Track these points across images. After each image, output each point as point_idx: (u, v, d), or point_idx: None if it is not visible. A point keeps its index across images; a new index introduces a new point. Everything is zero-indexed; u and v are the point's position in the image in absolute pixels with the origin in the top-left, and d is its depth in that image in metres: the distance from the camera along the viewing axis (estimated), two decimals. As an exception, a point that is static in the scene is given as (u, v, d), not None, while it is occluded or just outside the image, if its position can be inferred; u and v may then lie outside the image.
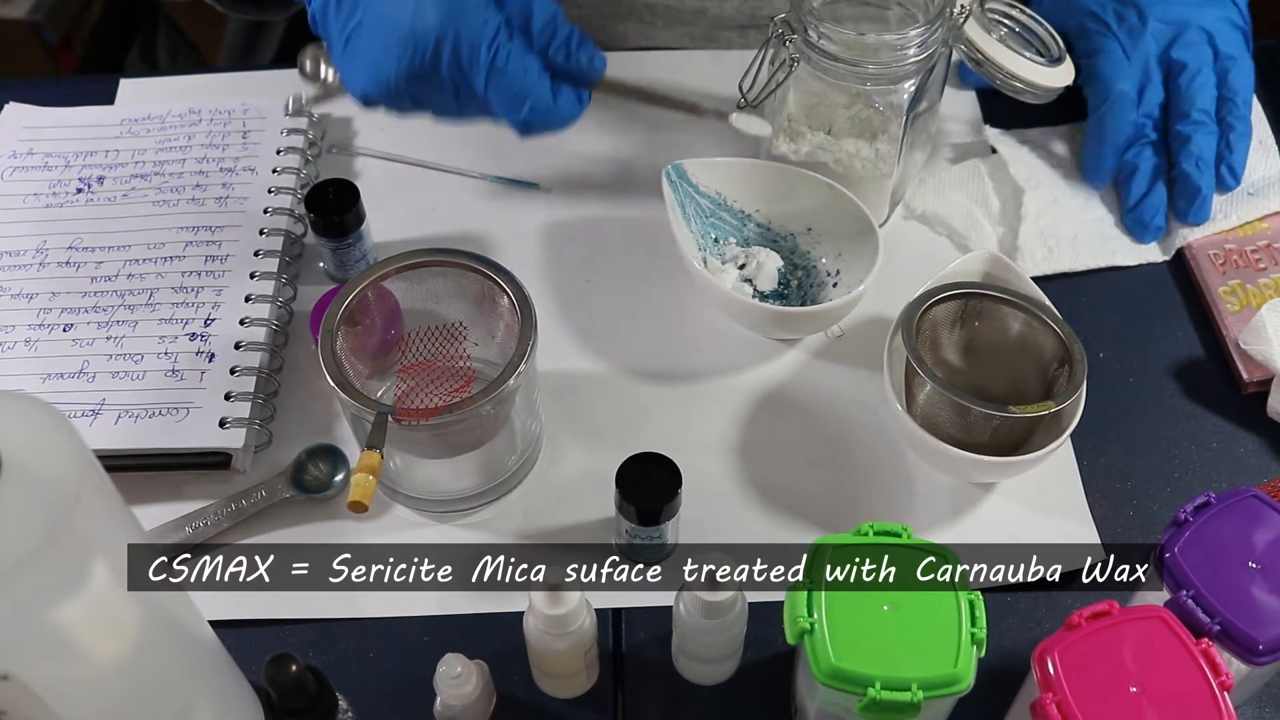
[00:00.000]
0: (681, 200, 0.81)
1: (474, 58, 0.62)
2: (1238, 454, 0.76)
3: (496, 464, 0.72)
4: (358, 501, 0.62)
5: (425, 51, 0.61)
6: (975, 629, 0.56)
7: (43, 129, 0.90)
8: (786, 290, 0.82)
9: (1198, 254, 0.85)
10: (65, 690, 0.47)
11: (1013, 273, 0.76)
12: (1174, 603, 0.57)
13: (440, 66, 0.62)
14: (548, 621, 0.61)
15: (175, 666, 0.54)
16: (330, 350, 0.66)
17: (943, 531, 0.73)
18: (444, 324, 0.72)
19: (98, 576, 0.45)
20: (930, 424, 0.71)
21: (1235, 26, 0.87)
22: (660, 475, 0.67)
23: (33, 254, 0.82)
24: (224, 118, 0.90)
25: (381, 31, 0.62)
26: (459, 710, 0.63)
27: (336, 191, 0.80)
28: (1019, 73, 0.80)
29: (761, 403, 0.78)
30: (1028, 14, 0.84)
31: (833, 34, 0.75)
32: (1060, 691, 0.54)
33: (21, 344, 0.77)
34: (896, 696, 0.54)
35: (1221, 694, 0.53)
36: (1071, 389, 0.70)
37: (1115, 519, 0.74)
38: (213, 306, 0.79)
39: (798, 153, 0.82)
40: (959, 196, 0.87)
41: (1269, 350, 0.76)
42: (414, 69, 0.62)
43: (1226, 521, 0.59)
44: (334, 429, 0.76)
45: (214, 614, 0.67)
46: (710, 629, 0.62)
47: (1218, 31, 0.86)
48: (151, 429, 0.73)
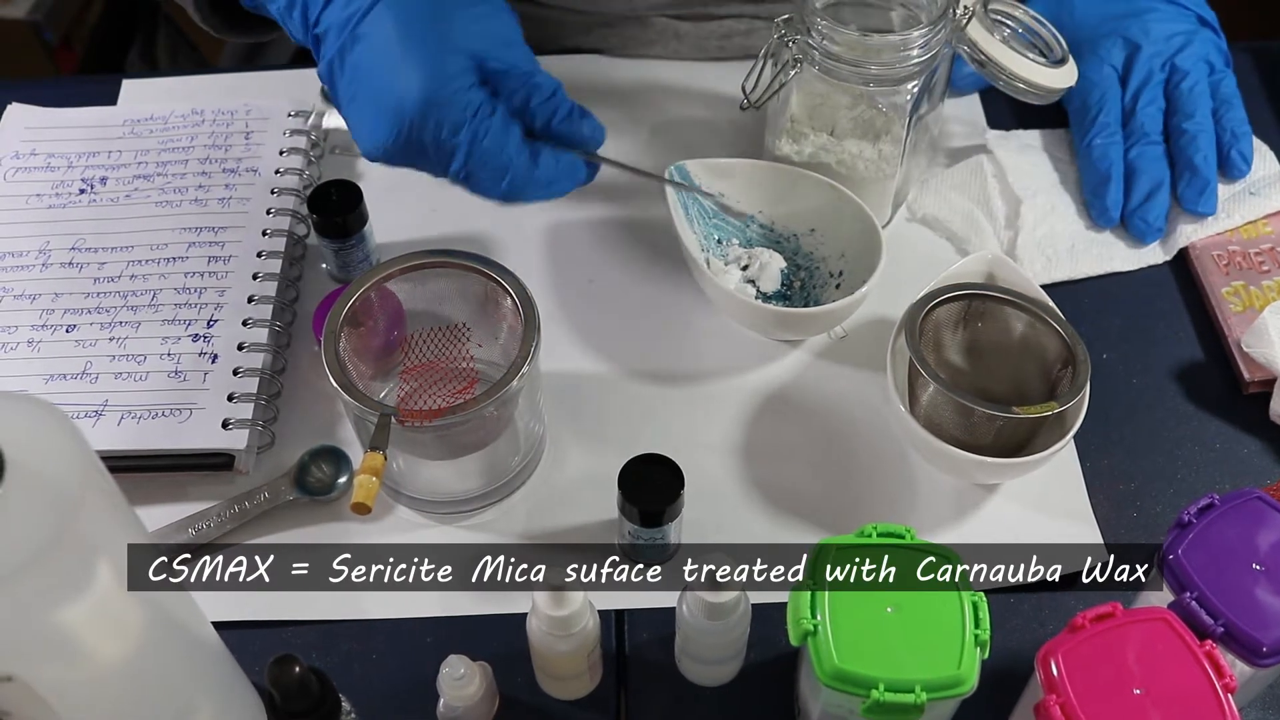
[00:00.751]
0: (685, 201, 0.81)
1: (454, 137, 0.64)
2: (1241, 455, 0.76)
3: (499, 465, 0.72)
4: (361, 503, 0.62)
5: (411, 126, 0.63)
6: (979, 630, 0.56)
7: (45, 130, 0.90)
8: (790, 291, 0.82)
9: (1201, 255, 0.85)
10: (68, 691, 0.47)
11: (1016, 274, 0.76)
12: (1178, 604, 0.57)
13: (424, 140, 0.64)
14: (551, 623, 0.61)
15: (178, 667, 0.54)
16: (333, 351, 0.66)
17: (946, 532, 0.73)
18: (447, 325, 0.72)
19: (101, 578, 0.45)
20: (933, 425, 0.71)
21: (1220, 51, 0.91)
22: (663, 476, 0.67)
23: (36, 255, 0.82)
24: (227, 118, 0.90)
25: (372, 101, 0.64)
26: (462, 711, 0.63)
27: (339, 192, 0.80)
28: (1022, 73, 0.80)
29: (764, 404, 0.78)
30: (1031, 15, 0.84)
31: (836, 35, 0.75)
32: (1064, 693, 0.54)
33: (24, 345, 0.77)
34: (900, 698, 0.54)
35: (1225, 696, 0.53)
36: (1075, 390, 0.70)
37: (1118, 520, 0.73)
38: (215, 307, 0.79)
39: (800, 154, 0.82)
40: (960, 198, 0.87)
41: (1271, 352, 0.76)
42: (402, 140, 0.64)
43: (1230, 523, 0.59)
44: (337, 430, 0.76)
45: (217, 615, 0.66)
46: (713, 630, 0.62)
47: (1208, 54, 0.89)
48: (154, 430, 0.73)
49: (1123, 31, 0.89)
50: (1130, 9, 0.90)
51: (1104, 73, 0.88)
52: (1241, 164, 0.86)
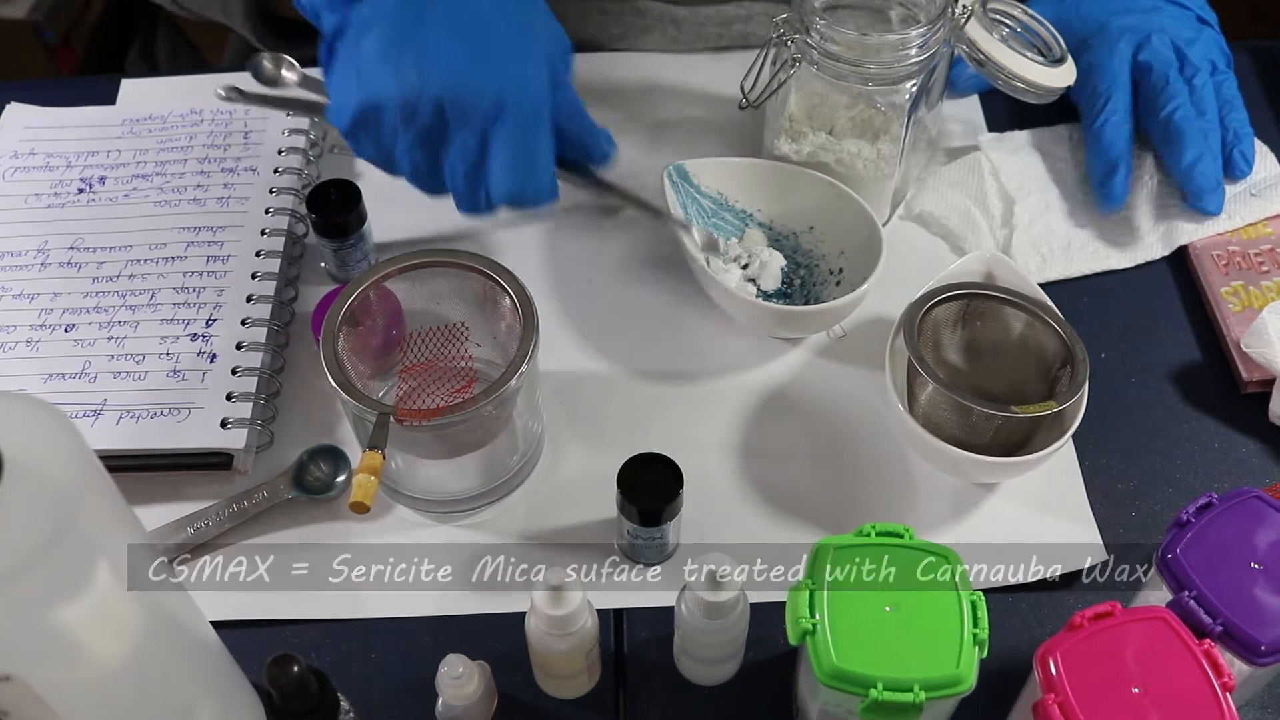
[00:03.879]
0: (684, 201, 0.81)
1: (537, 120, 0.64)
2: (1239, 455, 0.76)
3: (498, 464, 0.72)
4: (359, 502, 0.62)
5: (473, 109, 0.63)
6: (977, 629, 0.56)
7: (44, 129, 0.90)
8: (790, 289, 0.82)
9: (1200, 255, 0.85)
10: (67, 691, 0.47)
11: (1014, 273, 0.76)
12: (1176, 603, 0.57)
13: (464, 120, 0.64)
14: (549, 622, 0.61)
15: (177, 667, 0.54)
16: (332, 351, 0.66)
17: (944, 532, 0.73)
18: (446, 324, 0.72)
19: (99, 577, 0.45)
20: (932, 424, 0.71)
21: (1223, 52, 0.90)
22: (662, 476, 0.67)
23: (34, 254, 0.82)
24: (225, 118, 0.90)
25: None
26: (461, 711, 0.63)
27: (338, 192, 0.80)
28: (1020, 72, 0.80)
29: (763, 403, 0.78)
30: (1029, 14, 0.84)
31: (835, 34, 0.75)
32: (1062, 692, 0.54)
33: (23, 344, 0.77)
34: (898, 697, 0.54)
35: (1224, 695, 0.53)
36: (1073, 389, 0.70)
37: (1117, 519, 0.73)
38: (214, 307, 0.79)
39: (799, 153, 0.82)
40: (956, 196, 0.87)
41: (1270, 353, 0.76)
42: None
43: (1229, 522, 0.59)
44: (336, 430, 0.76)
45: (216, 614, 0.67)
46: (712, 629, 0.62)
47: (1212, 53, 0.89)
48: (153, 429, 0.73)
49: (1133, 25, 0.88)
50: (1137, 5, 0.90)
51: (1115, 60, 0.87)
52: (1243, 164, 0.86)
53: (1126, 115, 0.86)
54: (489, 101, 0.63)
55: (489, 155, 0.65)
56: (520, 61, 0.64)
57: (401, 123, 0.64)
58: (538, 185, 0.65)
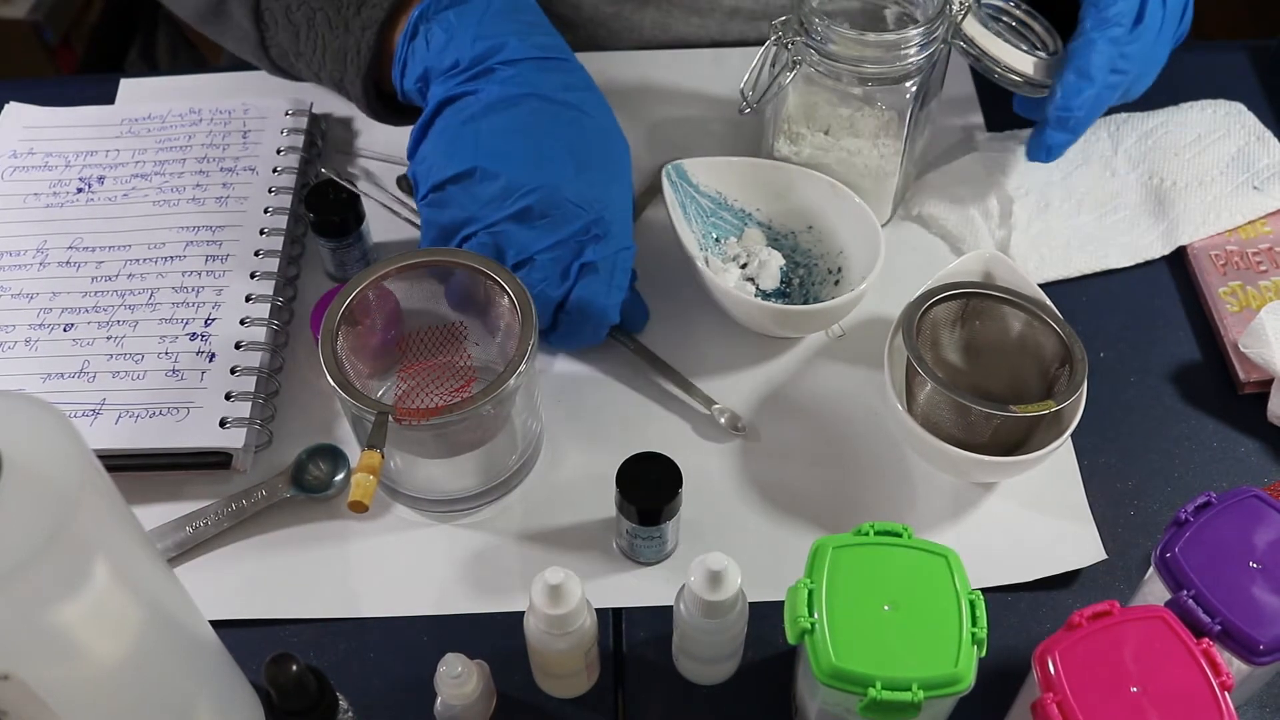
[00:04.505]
0: (682, 200, 0.81)
1: (614, 270, 0.73)
2: (1238, 454, 0.76)
3: (497, 464, 0.72)
4: (358, 501, 0.62)
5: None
6: (976, 629, 0.56)
7: (43, 129, 0.90)
8: (789, 289, 0.82)
9: (1199, 254, 0.85)
10: (66, 690, 0.47)
11: (1013, 272, 0.76)
12: (1175, 603, 0.57)
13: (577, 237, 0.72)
14: (548, 621, 0.61)
15: (176, 666, 0.54)
16: (331, 350, 0.66)
17: (943, 531, 0.73)
18: (444, 324, 0.72)
19: (98, 576, 0.45)
20: (931, 423, 0.71)
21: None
22: (661, 475, 0.67)
23: (33, 254, 0.82)
24: (224, 118, 0.90)
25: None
26: (459, 710, 0.63)
27: (337, 191, 0.80)
28: (1018, 68, 0.80)
29: (762, 402, 0.78)
30: (1024, 9, 0.84)
31: (834, 34, 0.75)
32: (1061, 691, 0.54)
33: (22, 344, 0.77)
34: (897, 696, 0.54)
35: (1222, 694, 0.53)
36: (1072, 389, 0.70)
37: (1116, 519, 0.74)
38: (213, 306, 0.79)
39: (799, 154, 0.82)
40: (956, 196, 0.87)
41: (1268, 353, 0.76)
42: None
43: (1227, 522, 0.59)
44: (334, 429, 0.76)
45: (214, 614, 0.67)
46: (711, 629, 0.62)
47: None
48: (152, 429, 0.73)
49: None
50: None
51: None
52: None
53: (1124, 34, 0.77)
54: (593, 217, 0.71)
55: (577, 261, 0.72)
56: (622, 188, 0.74)
57: (500, 197, 0.71)
58: (614, 304, 0.73)
